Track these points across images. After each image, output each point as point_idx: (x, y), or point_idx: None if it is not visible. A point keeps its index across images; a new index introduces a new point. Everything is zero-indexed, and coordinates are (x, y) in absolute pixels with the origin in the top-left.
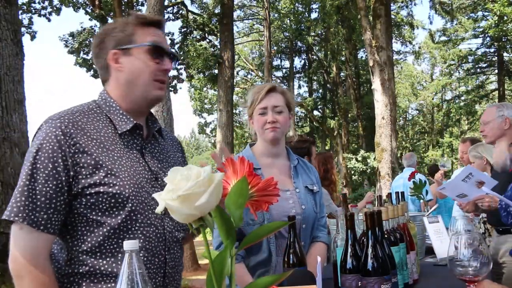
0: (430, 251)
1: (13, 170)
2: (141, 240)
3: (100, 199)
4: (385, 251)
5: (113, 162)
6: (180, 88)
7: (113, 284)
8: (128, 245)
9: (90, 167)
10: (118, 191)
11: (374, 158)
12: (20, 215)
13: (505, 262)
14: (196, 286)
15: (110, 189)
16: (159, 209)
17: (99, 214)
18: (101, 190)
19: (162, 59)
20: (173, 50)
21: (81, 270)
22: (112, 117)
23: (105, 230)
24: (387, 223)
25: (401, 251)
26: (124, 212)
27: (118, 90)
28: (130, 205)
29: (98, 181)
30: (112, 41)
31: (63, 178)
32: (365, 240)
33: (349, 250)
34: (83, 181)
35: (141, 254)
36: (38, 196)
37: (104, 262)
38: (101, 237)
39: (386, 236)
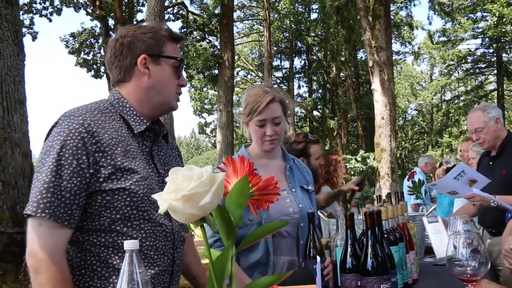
0: (429, 250)
1: (14, 170)
2: (152, 239)
3: (116, 196)
4: (384, 251)
5: (129, 162)
6: None
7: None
8: (128, 245)
9: (110, 167)
10: (134, 191)
11: (374, 158)
12: (46, 211)
13: (500, 265)
14: None
15: (127, 189)
16: (161, 210)
17: (113, 212)
18: (118, 187)
19: (181, 74)
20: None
21: (92, 264)
22: (126, 117)
23: (118, 228)
24: (387, 222)
25: (400, 250)
26: (138, 211)
27: (137, 93)
28: (143, 204)
29: (115, 180)
30: (143, 45)
31: (87, 175)
32: (364, 239)
33: (349, 249)
34: (101, 179)
35: (151, 253)
36: (63, 193)
37: (117, 257)
38: (114, 233)
39: (385, 235)
